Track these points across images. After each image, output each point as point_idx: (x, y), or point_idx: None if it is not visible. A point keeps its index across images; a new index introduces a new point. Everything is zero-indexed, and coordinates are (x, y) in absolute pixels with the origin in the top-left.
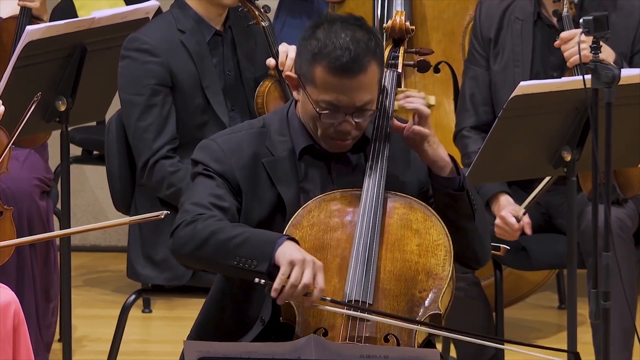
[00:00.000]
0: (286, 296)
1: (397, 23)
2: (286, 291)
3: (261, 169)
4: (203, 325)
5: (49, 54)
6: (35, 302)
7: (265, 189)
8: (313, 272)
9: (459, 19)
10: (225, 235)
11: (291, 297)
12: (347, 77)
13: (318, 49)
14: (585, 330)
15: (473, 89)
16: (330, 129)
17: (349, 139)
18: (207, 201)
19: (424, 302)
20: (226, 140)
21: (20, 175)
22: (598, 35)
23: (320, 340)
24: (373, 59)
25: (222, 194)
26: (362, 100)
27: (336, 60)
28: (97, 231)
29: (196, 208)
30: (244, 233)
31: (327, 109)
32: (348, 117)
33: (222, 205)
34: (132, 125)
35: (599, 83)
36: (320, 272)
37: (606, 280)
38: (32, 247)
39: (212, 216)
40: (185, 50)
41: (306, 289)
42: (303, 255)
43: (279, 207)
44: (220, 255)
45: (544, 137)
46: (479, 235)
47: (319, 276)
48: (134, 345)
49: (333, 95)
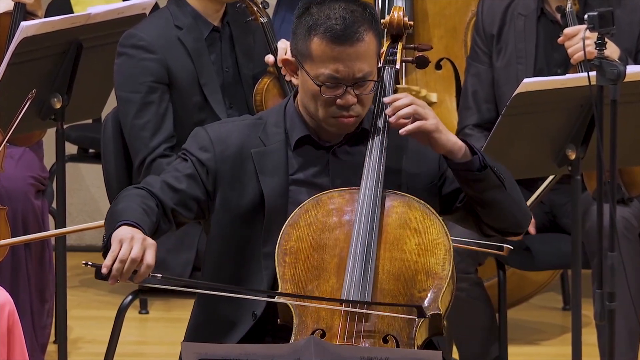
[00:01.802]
0: (115, 272)
1: (395, 18)
2: (115, 266)
3: (248, 160)
4: (197, 324)
5: (44, 50)
6: (30, 303)
7: (249, 180)
8: (142, 248)
9: (461, 15)
10: (112, 208)
11: (121, 273)
12: (343, 46)
13: (313, 22)
14: (590, 332)
15: (475, 86)
16: (331, 107)
17: (352, 115)
18: (161, 178)
19: (424, 302)
20: (216, 128)
21: (14, 173)
22: (603, 31)
23: (319, 341)
24: (370, 28)
25: (181, 177)
26: (361, 70)
27: (331, 30)
28: (93, 231)
29: (147, 180)
30: (117, 211)
31: (325, 82)
32: (349, 89)
33: (174, 186)
34: (128, 123)
35: (604, 80)
36: (150, 249)
37: (611, 281)
38: (27, 247)
39: (138, 189)
40: (182, 47)
41: (134, 263)
42: (131, 233)
43: (261, 200)
44: (104, 226)
45: (547, 135)
46: (514, 201)
47: (148, 252)
48: (130, 347)
49: (331, 66)
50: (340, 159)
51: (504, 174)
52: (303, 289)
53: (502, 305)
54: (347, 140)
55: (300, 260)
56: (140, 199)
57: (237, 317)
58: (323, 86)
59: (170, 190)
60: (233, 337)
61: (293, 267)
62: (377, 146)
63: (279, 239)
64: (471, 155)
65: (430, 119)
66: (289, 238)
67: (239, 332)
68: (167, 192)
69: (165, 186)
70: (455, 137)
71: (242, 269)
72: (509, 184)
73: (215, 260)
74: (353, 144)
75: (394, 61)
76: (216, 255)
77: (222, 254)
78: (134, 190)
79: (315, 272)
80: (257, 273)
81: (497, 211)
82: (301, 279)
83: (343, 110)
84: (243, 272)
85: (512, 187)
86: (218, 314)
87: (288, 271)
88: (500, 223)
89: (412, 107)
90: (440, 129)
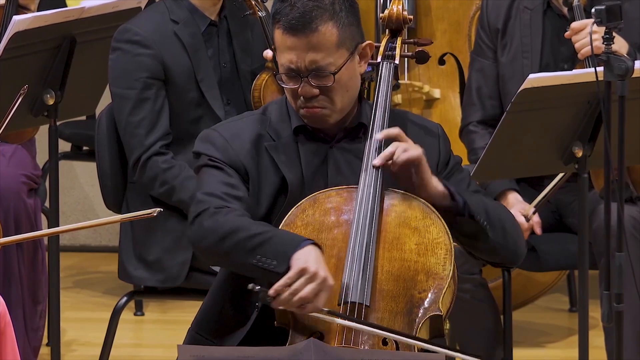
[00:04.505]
0: (282, 301)
1: (393, 12)
2: (283, 297)
3: (264, 153)
4: (205, 317)
5: (37, 45)
6: (23, 304)
7: (269, 174)
8: (318, 289)
9: (464, 8)
10: (248, 233)
11: (286, 304)
12: (295, 37)
13: (276, 11)
14: (598, 334)
15: (480, 81)
16: (298, 98)
17: (316, 107)
18: (220, 191)
19: (424, 302)
20: (226, 128)
21: (6, 172)
22: (611, 25)
23: (319, 344)
24: (330, 19)
25: (234, 183)
26: (314, 62)
27: (287, 20)
28: (87, 230)
29: (211, 199)
30: (268, 232)
31: (284, 74)
32: (305, 79)
33: (236, 195)
34: (123, 120)
35: (612, 75)
36: (325, 292)
37: (619, 282)
38: (18, 246)
39: (233, 210)
40: (178, 42)
41: (303, 302)
42: (317, 268)
43: (282, 190)
44: (241, 251)
45: (554, 132)
46: (499, 245)
47: (322, 295)
48: (125, 350)
49: (287, 56)
50: (339, 155)
51: (490, 213)
52: None
53: (507, 306)
54: (346, 135)
55: None
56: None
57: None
58: (283, 75)
59: (236, 200)
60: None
61: None
62: (375, 143)
63: None
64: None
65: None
66: None
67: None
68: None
69: (232, 198)
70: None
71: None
72: (494, 227)
73: None
74: (352, 138)
75: (393, 56)
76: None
77: None
78: (231, 213)
79: None
80: None
81: (480, 251)
82: None
83: (307, 101)
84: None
85: (496, 230)
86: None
87: None
88: (487, 258)
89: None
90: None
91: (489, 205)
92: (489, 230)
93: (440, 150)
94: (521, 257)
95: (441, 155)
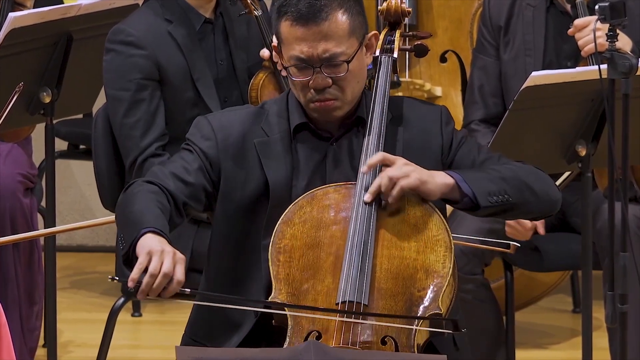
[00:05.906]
0: (145, 287)
1: (392, 5)
2: (146, 281)
3: (251, 150)
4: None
5: (33, 42)
6: (19, 305)
7: (252, 170)
8: (173, 263)
9: (466, 5)
10: (128, 209)
11: (151, 288)
12: (306, 26)
13: (281, 3)
14: (601, 335)
15: (482, 79)
16: (308, 92)
17: (328, 99)
18: (169, 170)
19: (423, 301)
20: (218, 117)
21: (2, 171)
22: (614, 22)
23: (319, 345)
24: (338, 8)
25: (191, 169)
26: (326, 50)
27: (295, 11)
28: (84, 230)
29: (156, 173)
30: (134, 212)
31: (294, 66)
32: (318, 70)
33: (184, 178)
34: (118, 122)
35: (616, 73)
36: (181, 264)
37: (623, 282)
38: (14, 247)
39: (149, 183)
40: (173, 41)
41: (166, 278)
42: (161, 246)
43: (265, 190)
44: (119, 226)
45: (557, 130)
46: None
47: (179, 268)
48: (122, 351)
49: (297, 47)
50: (339, 152)
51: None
52: (298, 289)
53: (510, 307)
54: (347, 131)
55: (295, 259)
56: (154, 196)
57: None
58: (292, 68)
59: (180, 183)
60: (234, 339)
61: (287, 266)
62: (374, 138)
63: (272, 237)
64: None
65: (411, 176)
66: (283, 236)
67: (241, 332)
68: (178, 186)
69: (176, 179)
70: (443, 177)
71: (242, 260)
72: (519, 190)
73: (216, 251)
74: (353, 136)
75: (392, 49)
76: (218, 247)
77: (224, 245)
78: (145, 186)
79: (311, 271)
80: (256, 264)
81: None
82: (296, 278)
83: (318, 94)
84: (243, 264)
85: (522, 193)
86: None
87: (282, 270)
88: (526, 218)
89: (384, 178)
90: (425, 178)
91: (504, 172)
92: (513, 199)
93: (443, 134)
94: (558, 202)
95: (444, 139)
